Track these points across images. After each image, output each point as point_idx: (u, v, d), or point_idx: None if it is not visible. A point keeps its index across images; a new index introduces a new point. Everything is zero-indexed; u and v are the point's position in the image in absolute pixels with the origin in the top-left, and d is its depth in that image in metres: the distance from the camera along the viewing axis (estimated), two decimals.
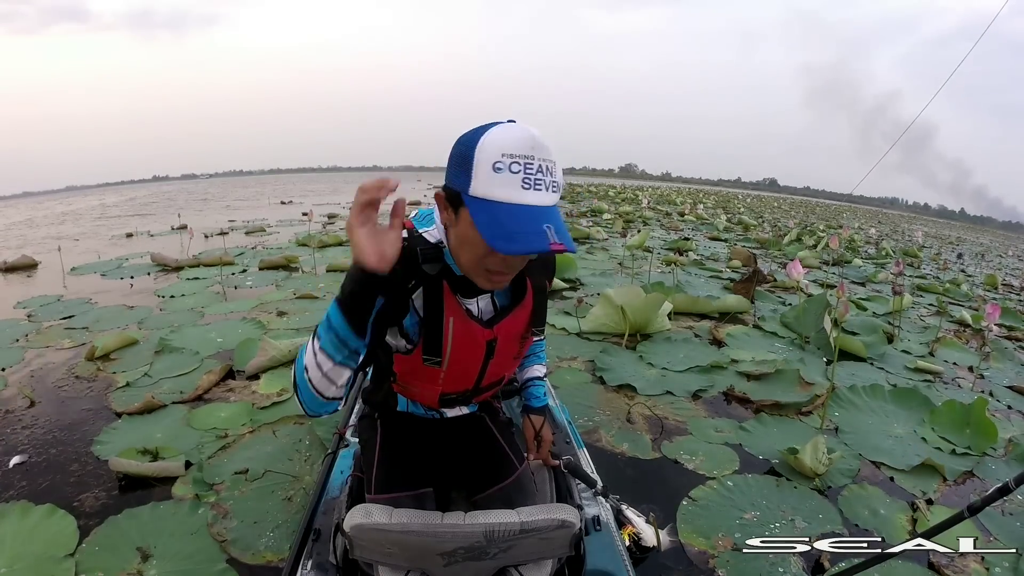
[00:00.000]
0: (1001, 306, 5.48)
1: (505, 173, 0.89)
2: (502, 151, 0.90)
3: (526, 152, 0.90)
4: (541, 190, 0.91)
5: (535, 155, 0.91)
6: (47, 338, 3.89)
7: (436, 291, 1.08)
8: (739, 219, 15.98)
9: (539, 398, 1.48)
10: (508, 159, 0.89)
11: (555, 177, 0.94)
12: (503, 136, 0.91)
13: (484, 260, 0.98)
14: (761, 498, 2.13)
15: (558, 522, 1.03)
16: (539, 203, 0.91)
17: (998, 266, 12.22)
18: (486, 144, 0.91)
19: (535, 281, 1.19)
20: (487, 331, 1.14)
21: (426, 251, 1.07)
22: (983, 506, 1.23)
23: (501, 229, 0.88)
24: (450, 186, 0.97)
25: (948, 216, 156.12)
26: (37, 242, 9.89)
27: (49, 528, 1.86)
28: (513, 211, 0.89)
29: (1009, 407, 3.26)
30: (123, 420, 2.65)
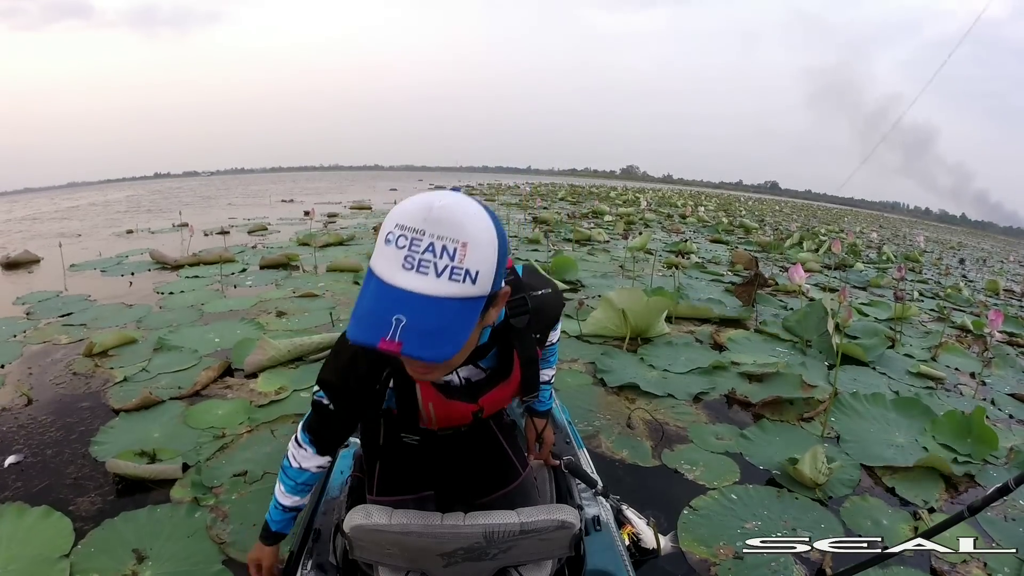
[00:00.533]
0: (1003, 312, 5.47)
1: (391, 247, 0.77)
2: (397, 221, 0.78)
3: (416, 225, 0.76)
4: (426, 273, 0.75)
5: (426, 230, 0.76)
6: (45, 335, 3.88)
7: (408, 380, 1.00)
8: (740, 222, 15.97)
9: (544, 402, 1.46)
10: (399, 230, 0.77)
11: (459, 262, 0.76)
12: (406, 205, 0.79)
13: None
14: (762, 508, 2.12)
15: (558, 523, 1.03)
16: (412, 288, 0.75)
17: (999, 271, 12.20)
18: (393, 213, 0.81)
19: (524, 353, 1.10)
20: (471, 405, 1.08)
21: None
22: (983, 506, 1.22)
23: (359, 307, 0.78)
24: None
25: (949, 221, 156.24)
26: (41, 237, 9.89)
27: (45, 529, 1.84)
28: (379, 291, 0.77)
29: (1011, 416, 3.24)
30: (120, 418, 2.63)
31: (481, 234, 0.78)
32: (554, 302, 1.16)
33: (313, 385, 1.13)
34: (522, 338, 1.09)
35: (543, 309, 1.12)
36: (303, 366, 3.25)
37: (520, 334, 1.08)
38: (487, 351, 1.08)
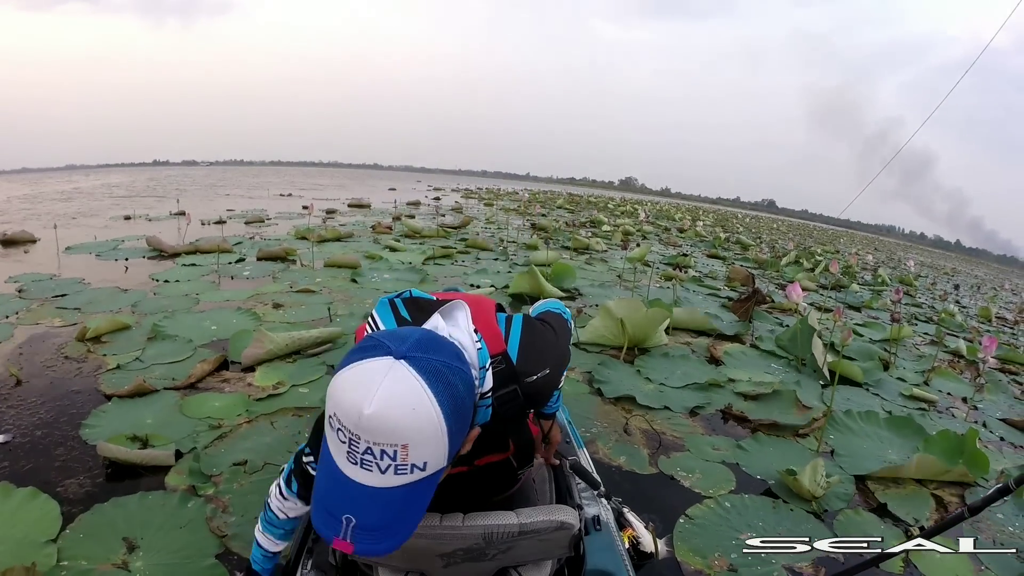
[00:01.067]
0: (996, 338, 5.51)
1: (334, 436, 0.74)
2: (334, 409, 0.74)
3: (350, 427, 0.72)
4: (370, 470, 0.73)
5: (361, 436, 0.72)
6: (37, 315, 3.84)
7: None
8: (737, 238, 16.06)
9: (550, 406, 1.45)
10: (336, 423, 0.73)
11: (402, 460, 0.73)
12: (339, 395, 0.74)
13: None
14: (757, 519, 2.11)
15: (557, 523, 1.02)
16: (359, 480, 0.74)
17: (992, 298, 12.30)
18: (331, 390, 0.76)
19: (517, 441, 1.12)
20: (463, 468, 1.08)
21: None
22: (984, 506, 1.22)
23: (319, 492, 0.77)
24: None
25: (944, 246, 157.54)
26: (38, 217, 9.83)
27: (31, 512, 1.80)
28: (330, 478, 0.76)
29: (1002, 439, 3.27)
30: (113, 403, 2.60)
31: (423, 430, 0.73)
32: (552, 382, 1.08)
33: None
34: (515, 423, 1.07)
35: (538, 393, 1.06)
36: (300, 360, 3.23)
37: (513, 419, 1.04)
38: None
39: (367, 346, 0.77)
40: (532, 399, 1.04)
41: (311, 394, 2.80)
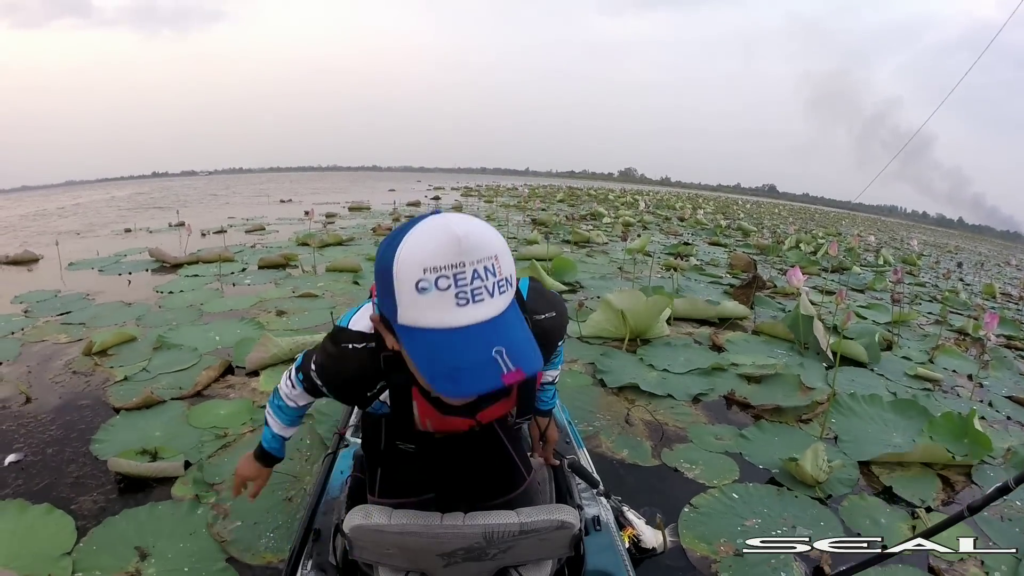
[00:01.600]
0: (1000, 315, 5.49)
1: (431, 292, 0.74)
2: (423, 266, 0.74)
3: (452, 261, 0.73)
4: (482, 300, 0.75)
5: (465, 260, 0.74)
6: (43, 333, 3.87)
7: (404, 396, 1.01)
8: (738, 224, 16.00)
9: (546, 402, 1.46)
10: (432, 275, 0.73)
11: (499, 274, 0.77)
12: (421, 246, 0.75)
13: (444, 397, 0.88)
14: (762, 506, 2.13)
15: (557, 523, 1.03)
16: (482, 318, 0.75)
17: (996, 275, 12.26)
18: (403, 260, 0.76)
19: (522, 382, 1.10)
20: (467, 420, 1.07)
21: (388, 359, 0.95)
22: (983, 505, 1.23)
23: (442, 366, 0.74)
24: (380, 310, 0.84)
25: (947, 225, 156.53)
26: (40, 235, 9.87)
27: (47, 527, 1.84)
28: (452, 339, 0.74)
29: (1008, 417, 3.26)
30: (121, 416, 2.63)
31: (498, 240, 0.79)
32: (558, 326, 1.12)
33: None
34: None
35: (545, 334, 1.07)
36: None
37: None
38: None
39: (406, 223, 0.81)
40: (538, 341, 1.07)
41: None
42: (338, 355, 1.01)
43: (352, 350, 0.99)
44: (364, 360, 0.97)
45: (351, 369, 0.99)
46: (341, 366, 1.00)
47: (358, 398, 1.04)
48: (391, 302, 0.78)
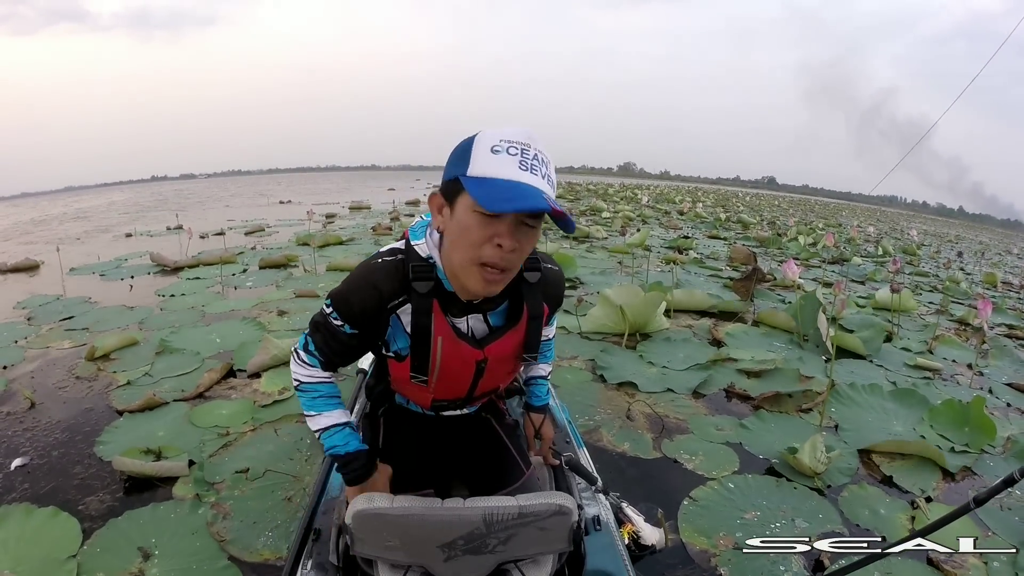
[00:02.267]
0: (999, 304, 5.49)
1: (503, 155, 0.92)
2: (500, 138, 0.94)
3: (523, 140, 0.94)
4: (537, 176, 0.93)
5: (531, 144, 0.94)
6: (47, 339, 3.89)
7: (425, 309, 1.07)
8: (738, 217, 15.99)
9: (540, 397, 1.47)
10: (505, 143, 0.93)
11: (550, 172, 0.96)
12: (502, 128, 0.95)
13: (480, 250, 0.96)
14: (761, 498, 2.14)
15: (555, 507, 1.05)
16: (535, 185, 0.92)
17: (997, 264, 12.24)
18: (485, 134, 0.95)
19: (532, 307, 1.16)
20: (477, 351, 1.12)
21: (417, 267, 1.06)
22: (988, 498, 1.23)
23: (498, 193, 0.90)
24: (447, 179, 0.99)
25: (947, 214, 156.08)
26: (42, 241, 9.89)
27: (52, 530, 1.86)
28: (510, 184, 0.91)
29: (1008, 404, 3.27)
30: (124, 418, 2.65)
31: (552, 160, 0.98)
32: (560, 279, 1.24)
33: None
34: (532, 293, 1.16)
35: (553, 281, 1.20)
36: None
37: (531, 289, 1.15)
38: (499, 302, 1.15)
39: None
40: (546, 286, 1.19)
41: None
42: (365, 271, 1.09)
43: (381, 262, 1.09)
44: (391, 270, 1.07)
45: (378, 280, 1.07)
46: (366, 281, 1.07)
47: (378, 318, 1.09)
48: (463, 165, 0.95)
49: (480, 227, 0.95)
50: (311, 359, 1.17)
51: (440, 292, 1.08)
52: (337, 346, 1.15)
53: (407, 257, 1.08)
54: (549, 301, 1.21)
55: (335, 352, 1.16)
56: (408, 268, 1.07)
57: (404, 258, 1.08)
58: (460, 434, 1.35)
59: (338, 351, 1.16)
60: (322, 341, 1.15)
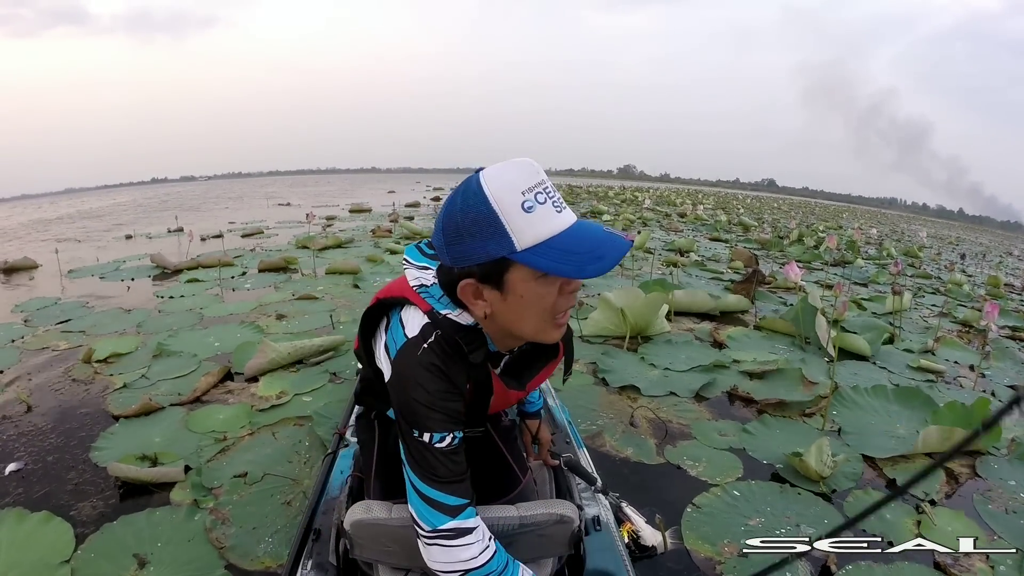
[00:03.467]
0: (1001, 306, 5.46)
1: (537, 209, 0.83)
2: (519, 190, 0.83)
3: (536, 180, 0.84)
4: (566, 208, 0.87)
5: (543, 180, 0.85)
6: (44, 341, 3.86)
7: (483, 377, 1.01)
8: (739, 220, 15.99)
9: (533, 403, 1.47)
10: (530, 194, 0.83)
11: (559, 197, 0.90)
12: (508, 178, 0.84)
13: (555, 306, 0.91)
14: (765, 504, 2.11)
15: (557, 516, 1.04)
16: (572, 220, 0.87)
17: (999, 266, 12.22)
18: (499, 196, 0.83)
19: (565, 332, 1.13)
20: (520, 392, 1.09)
21: (467, 339, 0.95)
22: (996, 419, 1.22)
23: (576, 256, 0.83)
24: (484, 262, 0.86)
25: (947, 216, 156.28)
26: (41, 242, 9.88)
27: (45, 535, 1.83)
28: (568, 236, 0.84)
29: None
30: (120, 424, 2.62)
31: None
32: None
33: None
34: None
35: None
36: (304, 369, 3.24)
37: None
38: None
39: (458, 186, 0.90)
40: None
41: (313, 402, 2.81)
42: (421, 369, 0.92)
43: (427, 347, 0.93)
44: (444, 353, 0.93)
45: (446, 368, 0.93)
46: (433, 375, 0.92)
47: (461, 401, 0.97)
48: (501, 239, 0.83)
49: (547, 288, 0.88)
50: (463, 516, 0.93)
51: (487, 356, 1.01)
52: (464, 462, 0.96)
53: (445, 331, 0.94)
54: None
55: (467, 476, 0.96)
56: (457, 341, 0.94)
57: (443, 333, 0.94)
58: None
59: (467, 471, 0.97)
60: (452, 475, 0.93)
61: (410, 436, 0.93)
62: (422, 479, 0.92)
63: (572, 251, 0.83)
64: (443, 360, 0.93)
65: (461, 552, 0.92)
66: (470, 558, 0.92)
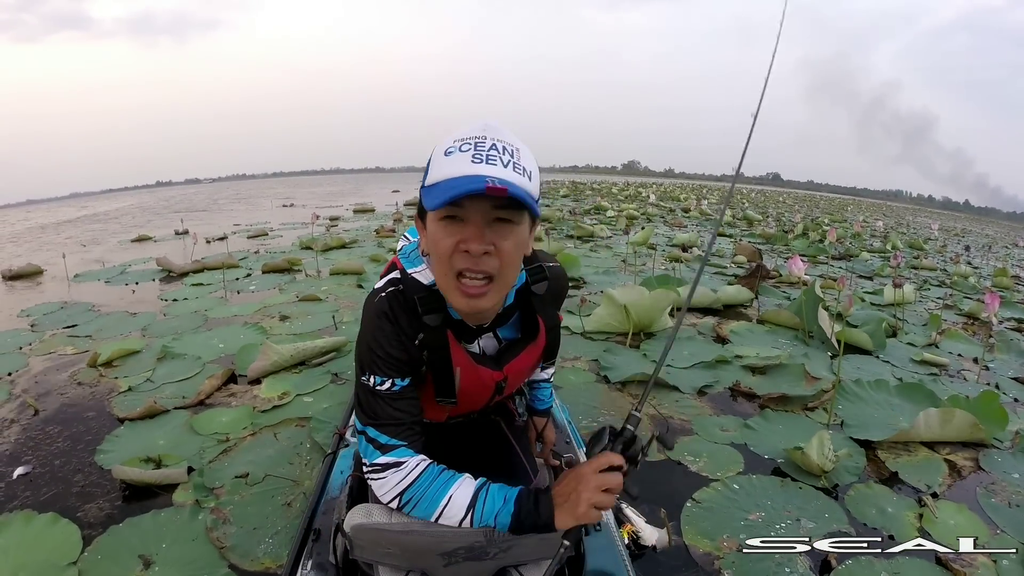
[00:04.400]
0: (1007, 298, 5.44)
1: (455, 154, 0.86)
2: (454, 138, 0.89)
3: (476, 134, 0.87)
4: (496, 165, 0.85)
5: (487, 135, 0.87)
6: (50, 346, 3.89)
7: (441, 341, 1.02)
8: (744, 214, 15.92)
9: (544, 401, 1.46)
10: (459, 143, 0.87)
11: (518, 160, 0.88)
12: (460, 130, 0.90)
13: (451, 261, 0.90)
14: (766, 499, 2.11)
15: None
16: (492, 175, 0.84)
17: (1005, 258, 12.13)
18: (441, 142, 0.91)
19: (548, 319, 1.14)
20: (497, 373, 1.10)
21: (424, 299, 1.00)
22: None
23: (442, 191, 0.84)
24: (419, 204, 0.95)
25: (952, 208, 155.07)
26: (47, 246, 9.93)
27: (53, 537, 1.85)
28: (457, 179, 0.84)
29: (1016, 399, 3.23)
30: (125, 426, 2.64)
31: (527, 151, 0.90)
32: (563, 274, 1.21)
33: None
34: (544, 304, 1.12)
35: (557, 279, 1.16)
36: (306, 370, 3.26)
37: (541, 300, 1.11)
38: (509, 316, 1.11)
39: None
40: (551, 284, 1.13)
41: (315, 403, 2.83)
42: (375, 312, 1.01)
43: (385, 295, 1.02)
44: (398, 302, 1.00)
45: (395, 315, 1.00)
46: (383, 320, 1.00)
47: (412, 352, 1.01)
48: (425, 177, 0.91)
49: (445, 235, 0.88)
50: (395, 453, 1.00)
51: (449, 321, 1.02)
52: (408, 410, 1.02)
53: (407, 288, 1.01)
54: (557, 299, 1.20)
55: (413, 420, 1.02)
56: (415, 300, 0.99)
57: (404, 289, 1.01)
58: (467, 437, 1.33)
59: (414, 416, 1.03)
60: (389, 418, 1.00)
61: (359, 379, 1.02)
62: (361, 418, 1.02)
63: (442, 189, 0.84)
64: (392, 309, 1.00)
65: (392, 479, 1.00)
66: (399, 481, 1.00)
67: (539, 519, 0.95)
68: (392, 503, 1.02)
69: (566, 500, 0.94)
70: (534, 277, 1.09)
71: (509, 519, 0.96)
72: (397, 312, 1.00)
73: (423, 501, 0.99)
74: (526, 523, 0.96)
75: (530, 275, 1.09)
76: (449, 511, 0.98)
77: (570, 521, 0.93)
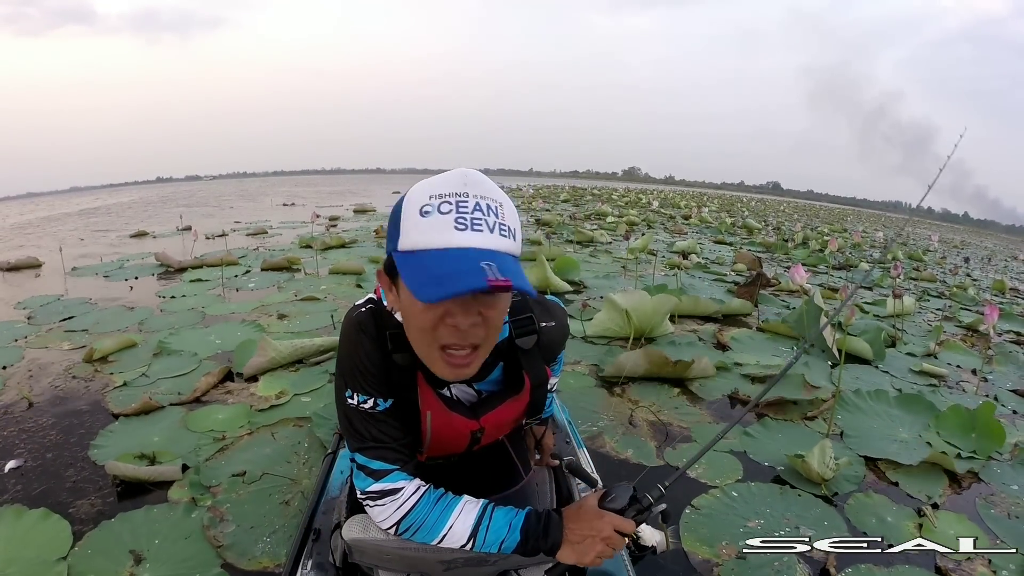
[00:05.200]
0: (1007, 310, 5.43)
1: (434, 215, 0.77)
2: (429, 193, 0.79)
3: (457, 189, 0.78)
4: (481, 230, 0.77)
5: (469, 192, 0.78)
6: (46, 339, 3.87)
7: (409, 382, 0.97)
8: (744, 222, 15.95)
9: (545, 408, 1.45)
10: (436, 200, 0.78)
11: (503, 219, 0.80)
12: (435, 182, 0.80)
13: (434, 334, 0.83)
14: (765, 506, 2.09)
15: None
16: (479, 245, 0.77)
17: (1004, 270, 12.14)
18: (414, 191, 0.81)
19: (534, 376, 1.06)
20: (471, 422, 1.03)
21: (395, 336, 0.94)
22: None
23: (428, 276, 0.74)
24: (389, 252, 0.85)
25: (952, 219, 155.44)
26: (46, 240, 9.90)
27: (43, 532, 1.83)
28: (444, 255, 0.76)
29: (1014, 411, 3.21)
30: (120, 422, 2.62)
31: (506, 197, 0.83)
32: (559, 336, 1.12)
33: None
34: (531, 359, 1.05)
35: (549, 344, 1.09)
36: (304, 369, 3.24)
37: (527, 355, 1.04)
38: (489, 371, 1.05)
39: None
40: (541, 346, 1.06)
41: (312, 403, 2.81)
42: (352, 328, 0.97)
43: (364, 311, 0.98)
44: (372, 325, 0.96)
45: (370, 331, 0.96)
46: (361, 336, 0.95)
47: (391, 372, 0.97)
48: (394, 236, 0.81)
49: (426, 310, 0.81)
50: (388, 479, 0.96)
51: (421, 364, 0.93)
52: (392, 433, 0.97)
53: (381, 320, 0.96)
54: (548, 355, 1.11)
55: (401, 442, 0.98)
56: (386, 335, 0.94)
57: (379, 322, 0.96)
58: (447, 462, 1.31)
59: (401, 439, 0.98)
60: (374, 440, 0.96)
61: (342, 400, 0.97)
62: (350, 444, 0.99)
63: (426, 268, 0.75)
64: (372, 324, 0.96)
65: (389, 507, 0.97)
66: (396, 509, 0.97)
67: (545, 545, 0.95)
68: (390, 531, 0.99)
69: (580, 542, 0.93)
70: (519, 331, 1.02)
71: (515, 546, 0.96)
72: (376, 329, 0.96)
73: (423, 529, 0.97)
74: (532, 549, 0.96)
75: (515, 327, 1.02)
76: (451, 538, 0.97)
77: (572, 560, 0.95)
